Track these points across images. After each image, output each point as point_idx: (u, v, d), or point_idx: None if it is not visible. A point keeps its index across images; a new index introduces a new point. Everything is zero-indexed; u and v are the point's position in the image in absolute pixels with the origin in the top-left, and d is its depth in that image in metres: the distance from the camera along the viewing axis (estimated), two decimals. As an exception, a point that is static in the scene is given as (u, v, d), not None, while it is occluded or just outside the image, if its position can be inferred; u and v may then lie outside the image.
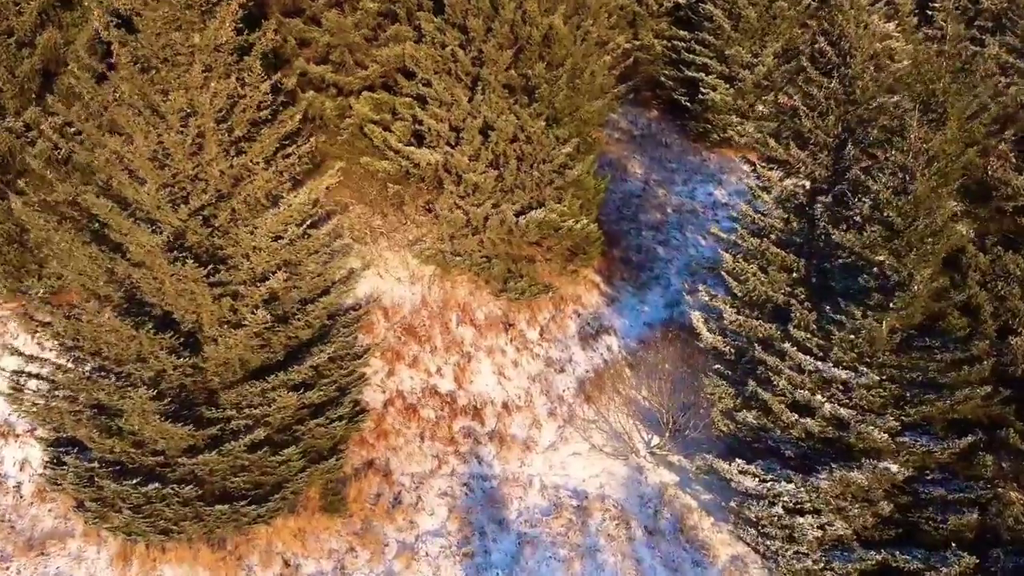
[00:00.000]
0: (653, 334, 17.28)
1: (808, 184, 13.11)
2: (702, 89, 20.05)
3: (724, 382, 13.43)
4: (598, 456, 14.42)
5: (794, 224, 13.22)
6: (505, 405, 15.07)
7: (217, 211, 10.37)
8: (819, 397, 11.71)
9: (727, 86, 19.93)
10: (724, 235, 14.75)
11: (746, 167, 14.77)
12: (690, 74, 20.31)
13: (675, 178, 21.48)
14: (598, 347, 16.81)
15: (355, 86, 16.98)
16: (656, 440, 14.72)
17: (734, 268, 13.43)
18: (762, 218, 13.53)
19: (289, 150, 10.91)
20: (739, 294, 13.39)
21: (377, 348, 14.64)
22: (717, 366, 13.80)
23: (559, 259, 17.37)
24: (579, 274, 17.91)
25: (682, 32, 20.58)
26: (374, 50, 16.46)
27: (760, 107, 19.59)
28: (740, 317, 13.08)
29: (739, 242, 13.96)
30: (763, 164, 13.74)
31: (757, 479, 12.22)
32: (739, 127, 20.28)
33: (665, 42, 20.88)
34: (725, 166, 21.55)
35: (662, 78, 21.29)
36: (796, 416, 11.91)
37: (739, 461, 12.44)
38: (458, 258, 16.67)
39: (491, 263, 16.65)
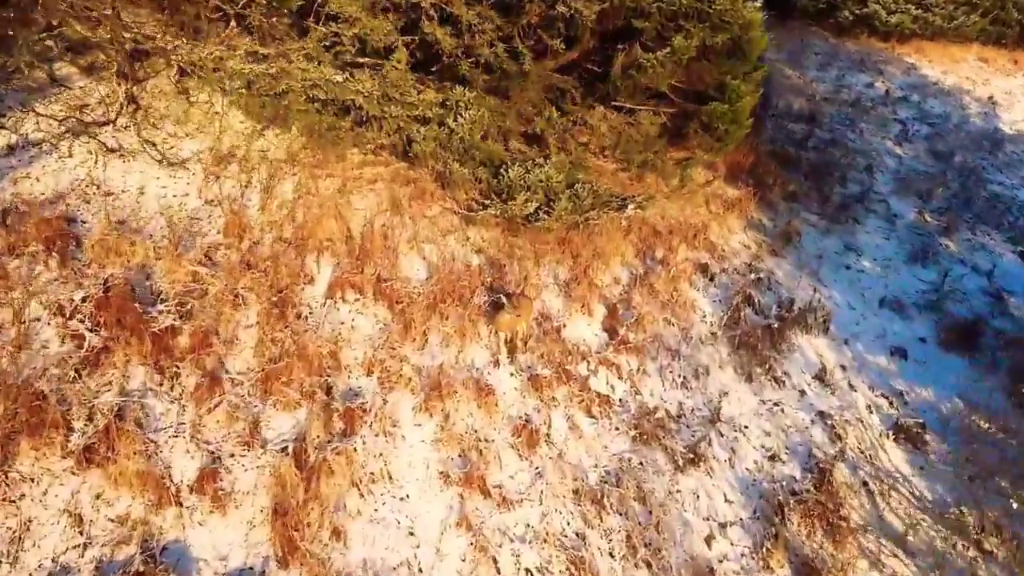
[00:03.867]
0: (931, 327, 6.02)
1: None
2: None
3: None
4: None
5: None
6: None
7: None
8: None
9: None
10: None
11: None
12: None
13: (804, 62, 12.31)
14: (786, 368, 5.47)
15: None
16: None
17: None
18: None
19: None
20: None
21: None
22: None
23: (648, 128, 6.12)
24: (695, 173, 6.62)
25: None
26: None
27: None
28: None
29: None
30: None
31: None
32: (889, -1, 12.14)
33: None
34: (873, 55, 12.86)
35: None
36: None
37: None
38: (354, 91, 5.30)
39: (457, 147, 5.30)
